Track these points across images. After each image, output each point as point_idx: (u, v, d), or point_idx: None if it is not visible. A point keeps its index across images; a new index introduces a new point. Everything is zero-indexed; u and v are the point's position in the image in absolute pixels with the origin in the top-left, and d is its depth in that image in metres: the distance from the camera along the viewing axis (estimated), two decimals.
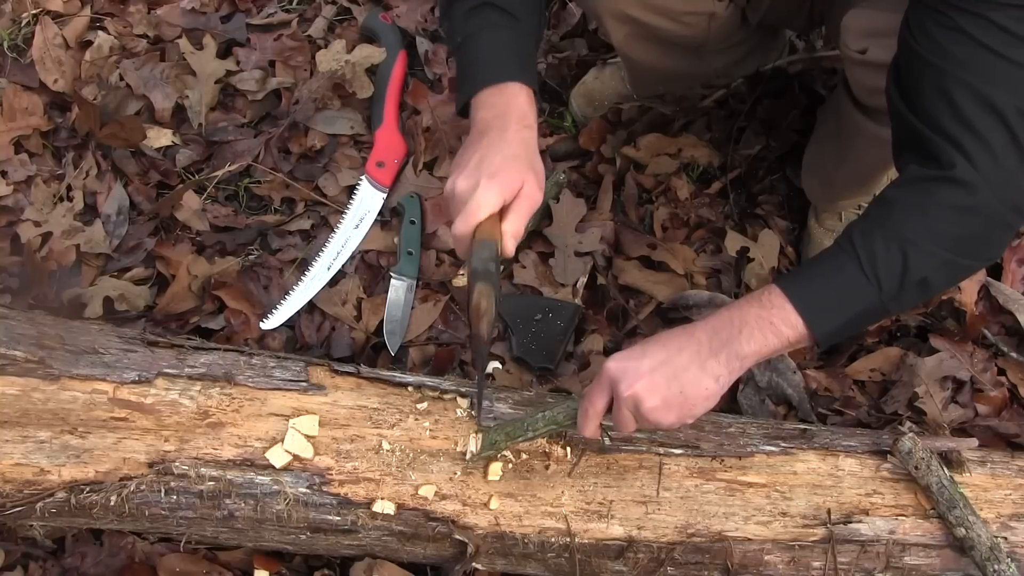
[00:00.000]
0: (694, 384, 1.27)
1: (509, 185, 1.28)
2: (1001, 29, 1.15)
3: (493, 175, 1.27)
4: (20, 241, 2.04)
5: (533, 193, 1.31)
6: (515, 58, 1.37)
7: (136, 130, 2.15)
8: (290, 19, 2.36)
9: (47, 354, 1.50)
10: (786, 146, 2.14)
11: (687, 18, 1.75)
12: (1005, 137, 1.18)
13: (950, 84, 1.18)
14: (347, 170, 2.14)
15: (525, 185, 1.29)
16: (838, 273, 1.25)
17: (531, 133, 1.35)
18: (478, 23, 1.38)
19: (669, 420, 1.29)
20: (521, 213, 1.30)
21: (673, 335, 1.32)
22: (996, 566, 1.44)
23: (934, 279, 1.25)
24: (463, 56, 1.40)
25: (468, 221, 1.27)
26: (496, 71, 1.35)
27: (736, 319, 1.27)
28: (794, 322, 1.25)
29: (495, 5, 1.37)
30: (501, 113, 1.33)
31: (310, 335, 1.95)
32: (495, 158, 1.29)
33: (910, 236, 1.21)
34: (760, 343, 1.26)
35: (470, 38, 1.38)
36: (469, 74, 1.38)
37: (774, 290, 1.27)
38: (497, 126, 1.32)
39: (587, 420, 1.36)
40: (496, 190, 1.27)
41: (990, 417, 1.82)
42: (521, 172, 1.30)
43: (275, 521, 1.48)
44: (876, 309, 1.26)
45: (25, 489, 1.45)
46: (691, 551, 1.49)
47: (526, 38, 1.40)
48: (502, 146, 1.30)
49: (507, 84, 1.35)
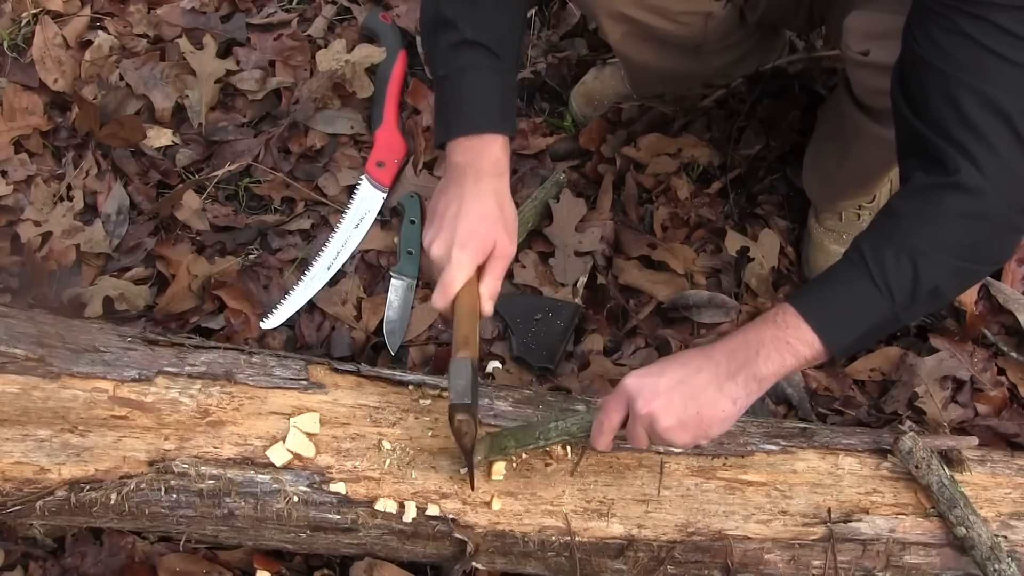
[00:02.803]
0: (711, 405, 1.27)
1: (481, 248, 1.36)
2: (1005, 32, 1.15)
3: (464, 244, 1.34)
4: (20, 241, 2.04)
5: (505, 251, 1.39)
6: (496, 106, 1.41)
7: (136, 130, 2.15)
8: (290, 19, 2.36)
9: (47, 352, 1.50)
10: (786, 146, 2.14)
11: (684, 18, 1.75)
12: (1011, 139, 1.18)
13: (954, 88, 1.18)
14: (347, 170, 2.14)
15: (497, 245, 1.37)
16: (850, 287, 1.25)
17: (503, 180, 1.41)
18: (463, 61, 1.40)
19: (684, 440, 1.29)
20: (496, 272, 1.38)
21: (692, 355, 1.33)
22: (996, 565, 1.44)
23: (946, 287, 1.25)
24: (444, 92, 1.44)
25: (445, 296, 1.35)
26: (476, 120, 1.40)
27: (753, 341, 1.27)
28: (810, 340, 1.25)
29: (481, 44, 1.39)
30: (474, 160, 1.39)
31: (310, 335, 1.95)
32: (467, 220, 1.35)
33: (920, 246, 1.21)
34: (778, 363, 1.26)
35: (453, 76, 1.41)
36: (450, 115, 1.42)
37: (787, 309, 1.27)
38: (471, 175, 1.38)
39: (601, 435, 1.36)
40: (468, 260, 1.35)
41: (990, 416, 1.82)
42: (492, 232, 1.36)
43: (275, 520, 1.48)
44: (889, 320, 1.26)
45: (25, 487, 1.45)
46: (691, 550, 1.49)
47: (508, 77, 1.43)
48: (474, 202, 1.36)
49: (484, 135, 1.39)
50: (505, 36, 1.42)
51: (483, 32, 1.39)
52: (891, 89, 1.29)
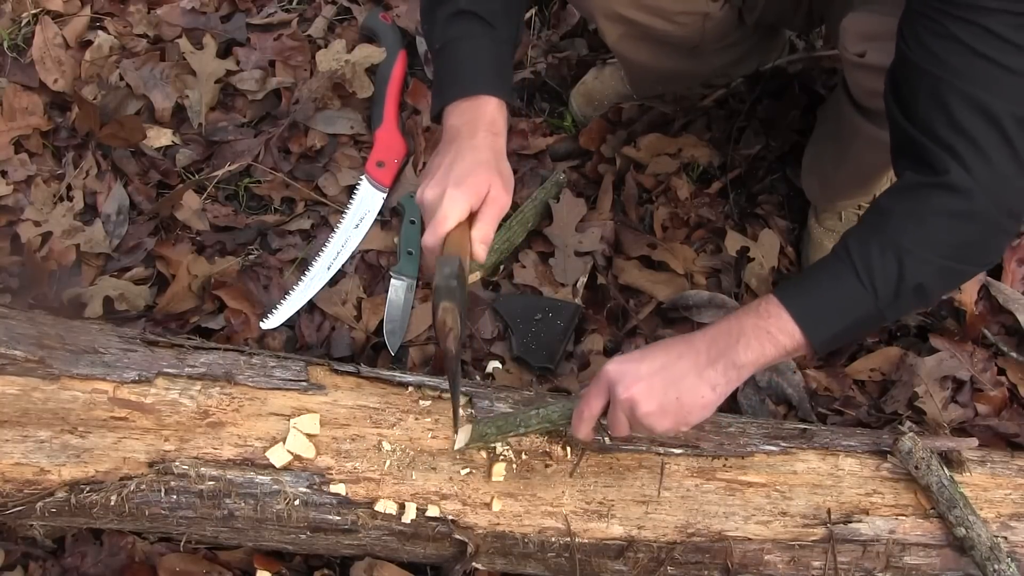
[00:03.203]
0: (691, 392, 1.28)
1: (475, 191, 1.31)
2: (995, 36, 1.15)
3: (459, 183, 1.30)
4: (20, 241, 2.04)
5: (500, 197, 1.34)
6: (490, 70, 1.40)
7: (136, 130, 2.15)
8: (290, 19, 2.36)
9: (47, 354, 1.50)
10: (786, 146, 2.14)
11: (681, 18, 1.75)
12: (1000, 142, 1.18)
13: (945, 91, 1.19)
14: (347, 170, 2.14)
15: (491, 189, 1.32)
16: (834, 281, 1.26)
17: (499, 139, 1.38)
18: (457, 31, 1.40)
19: (664, 426, 1.30)
20: (489, 218, 1.33)
21: (674, 342, 1.33)
22: (996, 566, 1.44)
23: (930, 286, 1.26)
24: (440, 63, 1.44)
25: (437, 232, 1.29)
26: (469, 84, 1.39)
27: (734, 329, 1.28)
28: (791, 331, 1.25)
29: (474, 14, 1.39)
30: (470, 120, 1.37)
31: (310, 335, 1.95)
32: (461, 164, 1.32)
33: (905, 244, 1.22)
34: (758, 352, 1.26)
35: (448, 45, 1.41)
36: (445, 83, 1.41)
37: (771, 299, 1.27)
38: (466, 132, 1.36)
39: (581, 421, 1.37)
40: (462, 198, 1.30)
41: (990, 417, 1.82)
42: (487, 176, 1.32)
43: (275, 521, 1.48)
44: (873, 316, 1.26)
45: (25, 488, 1.45)
46: (691, 551, 1.49)
47: (502, 46, 1.43)
48: (469, 152, 1.33)
49: (479, 96, 1.38)
50: (501, 8, 1.42)
51: (478, 2, 1.39)
52: (884, 91, 1.29)
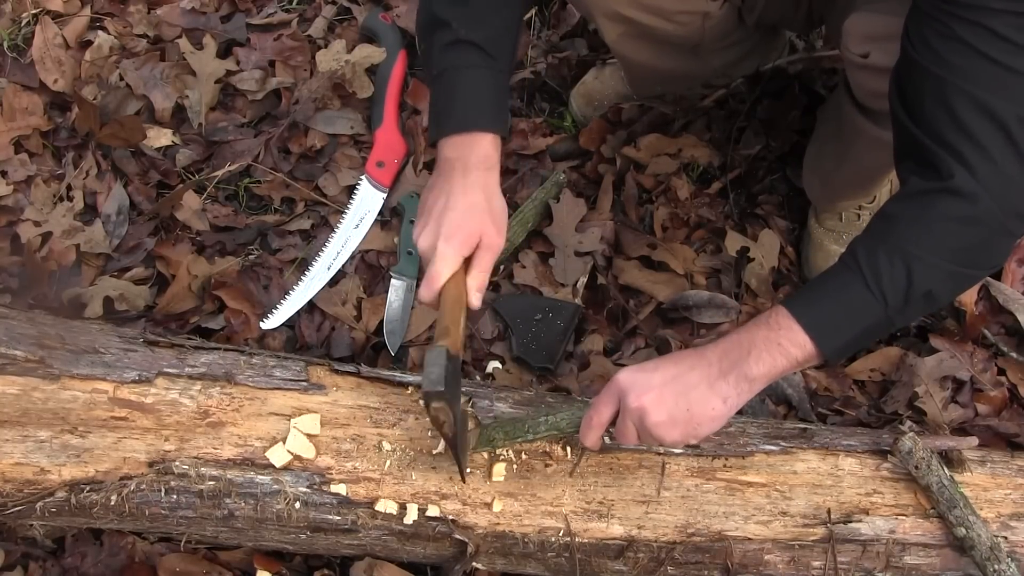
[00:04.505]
0: (701, 403, 1.28)
1: (467, 241, 1.36)
2: (1000, 37, 1.15)
3: (450, 236, 1.35)
4: (20, 241, 2.04)
5: (493, 242, 1.39)
6: (487, 104, 1.42)
7: (136, 130, 2.15)
8: (290, 19, 2.36)
9: (47, 354, 1.50)
10: (786, 146, 2.14)
11: (681, 17, 1.75)
12: (1005, 144, 1.18)
13: (950, 93, 1.18)
14: (347, 170, 2.14)
15: (484, 236, 1.37)
16: (843, 291, 1.26)
17: (492, 174, 1.41)
18: (455, 59, 1.41)
19: (673, 437, 1.30)
20: (484, 265, 1.38)
21: (685, 354, 1.34)
22: (996, 566, 1.44)
23: (939, 291, 1.26)
24: (438, 91, 1.45)
25: (432, 288, 1.35)
26: (464, 118, 1.41)
27: (745, 341, 1.28)
28: (802, 342, 1.25)
29: (473, 43, 1.40)
30: (464, 156, 1.39)
31: (310, 335, 1.95)
32: (453, 214, 1.36)
33: (913, 250, 1.22)
34: (769, 364, 1.26)
35: (446, 74, 1.42)
36: (442, 114, 1.43)
37: (781, 311, 1.27)
38: (459, 169, 1.39)
39: (590, 429, 1.37)
40: (454, 251, 1.35)
41: (990, 417, 1.82)
42: (480, 223, 1.37)
43: (275, 520, 1.48)
44: (883, 323, 1.26)
45: (25, 488, 1.45)
46: (691, 551, 1.49)
47: (499, 76, 1.44)
48: (461, 195, 1.37)
49: (474, 133, 1.40)
50: (498, 35, 1.43)
51: (476, 31, 1.40)
52: (889, 92, 1.29)
